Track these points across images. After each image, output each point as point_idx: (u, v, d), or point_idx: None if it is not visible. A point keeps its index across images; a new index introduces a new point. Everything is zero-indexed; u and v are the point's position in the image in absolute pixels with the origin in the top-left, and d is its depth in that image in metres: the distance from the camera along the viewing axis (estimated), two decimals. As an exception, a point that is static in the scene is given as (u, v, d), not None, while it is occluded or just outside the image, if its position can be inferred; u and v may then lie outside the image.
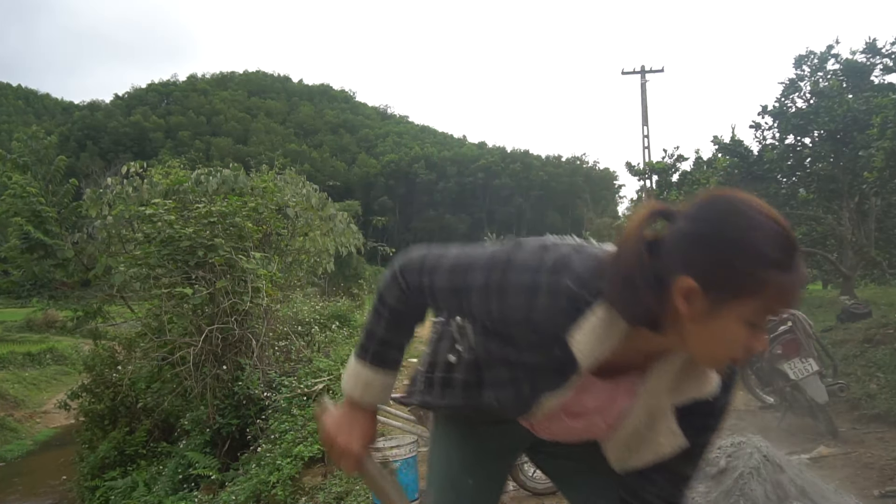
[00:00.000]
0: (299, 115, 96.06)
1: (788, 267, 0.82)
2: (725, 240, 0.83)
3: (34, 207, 11.36)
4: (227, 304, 5.42)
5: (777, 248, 0.81)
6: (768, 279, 0.81)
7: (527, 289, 0.93)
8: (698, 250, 0.84)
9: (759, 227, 0.82)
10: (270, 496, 3.70)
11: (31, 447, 11.27)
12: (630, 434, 1.04)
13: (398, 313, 1.11)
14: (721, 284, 0.83)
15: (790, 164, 9.17)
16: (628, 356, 0.98)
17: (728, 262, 0.82)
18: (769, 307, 0.83)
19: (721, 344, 0.86)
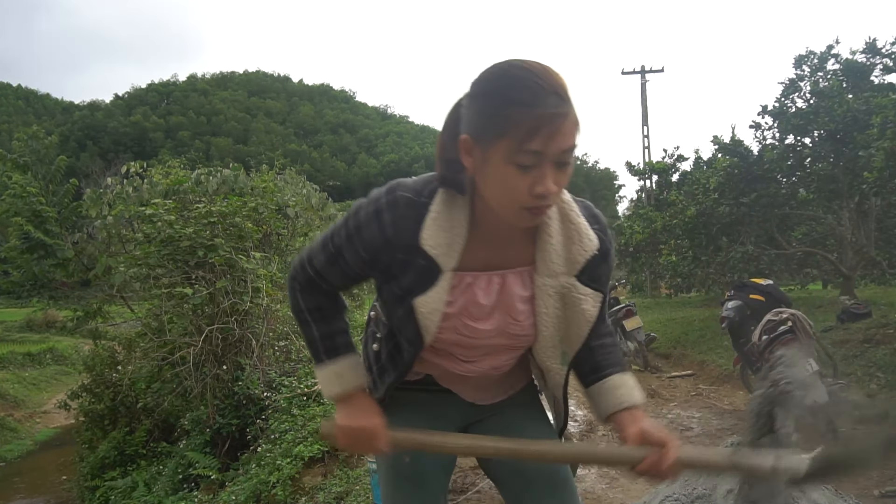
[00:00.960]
0: (299, 115, 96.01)
1: (532, 103, 0.89)
2: (481, 92, 0.95)
3: (34, 207, 11.36)
4: (227, 304, 5.42)
5: (520, 88, 0.90)
6: (511, 115, 0.89)
7: (373, 215, 1.04)
8: (467, 107, 0.97)
9: (507, 75, 0.93)
10: (270, 496, 3.69)
11: (31, 447, 11.26)
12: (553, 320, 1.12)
13: (315, 310, 1.19)
14: (481, 130, 0.93)
15: (790, 164, 9.16)
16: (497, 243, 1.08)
17: (482, 109, 0.94)
18: (522, 142, 0.89)
19: (502, 189, 0.95)
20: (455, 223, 1.03)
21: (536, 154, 0.90)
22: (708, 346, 7.60)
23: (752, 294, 4.85)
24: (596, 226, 1.11)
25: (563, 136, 0.91)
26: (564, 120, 0.91)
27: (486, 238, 1.07)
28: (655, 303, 15.62)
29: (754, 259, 9.54)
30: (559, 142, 0.91)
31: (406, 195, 1.04)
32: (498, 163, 0.92)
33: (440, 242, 1.02)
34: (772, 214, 9.34)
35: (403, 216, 1.03)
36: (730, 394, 5.77)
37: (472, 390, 1.27)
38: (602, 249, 1.10)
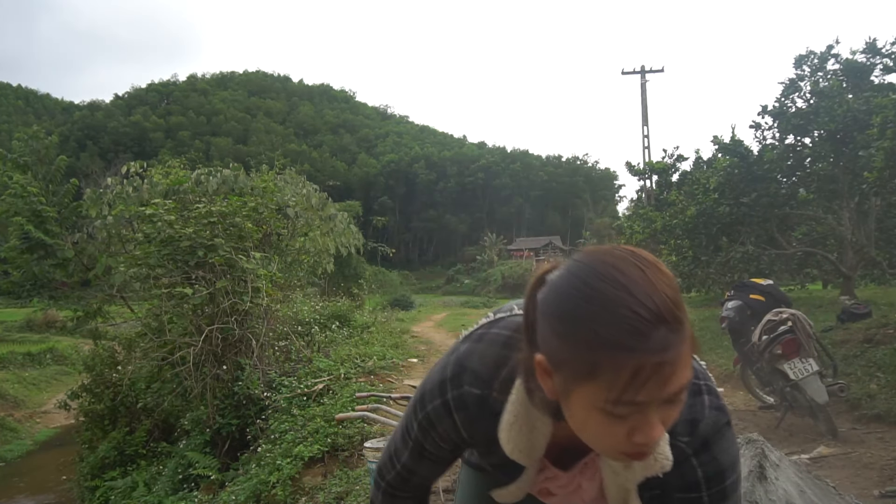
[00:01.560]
0: (299, 115, 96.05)
1: (630, 346, 0.66)
2: (562, 314, 0.72)
3: (34, 207, 11.36)
4: (227, 304, 5.42)
5: (615, 323, 0.67)
6: (600, 361, 0.68)
7: (443, 412, 0.93)
8: (544, 324, 0.75)
9: (597, 299, 0.69)
10: (270, 496, 3.69)
11: (31, 447, 11.27)
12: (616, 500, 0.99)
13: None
14: (561, 364, 0.73)
15: (790, 164, 9.16)
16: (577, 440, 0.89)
17: (562, 339, 0.71)
18: (615, 393, 0.69)
19: (591, 433, 0.76)
20: (536, 424, 0.88)
21: (639, 404, 0.70)
22: (708, 346, 7.60)
23: (752, 294, 4.84)
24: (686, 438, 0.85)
25: (675, 379, 0.69)
26: (678, 361, 0.69)
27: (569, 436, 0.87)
28: (655, 303, 15.58)
29: (754, 259, 9.54)
30: (669, 387, 0.69)
31: (474, 392, 0.89)
32: (581, 405, 0.73)
33: (521, 447, 0.89)
34: (772, 214, 9.34)
35: (476, 417, 0.91)
36: (730, 394, 5.76)
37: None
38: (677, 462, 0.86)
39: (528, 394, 0.84)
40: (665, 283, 0.70)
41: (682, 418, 0.82)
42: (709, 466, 0.86)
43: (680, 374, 0.70)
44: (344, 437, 3.99)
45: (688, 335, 0.70)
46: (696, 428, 0.86)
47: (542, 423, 0.88)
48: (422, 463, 1.03)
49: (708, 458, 0.86)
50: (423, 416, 0.96)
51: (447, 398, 0.92)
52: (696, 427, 0.86)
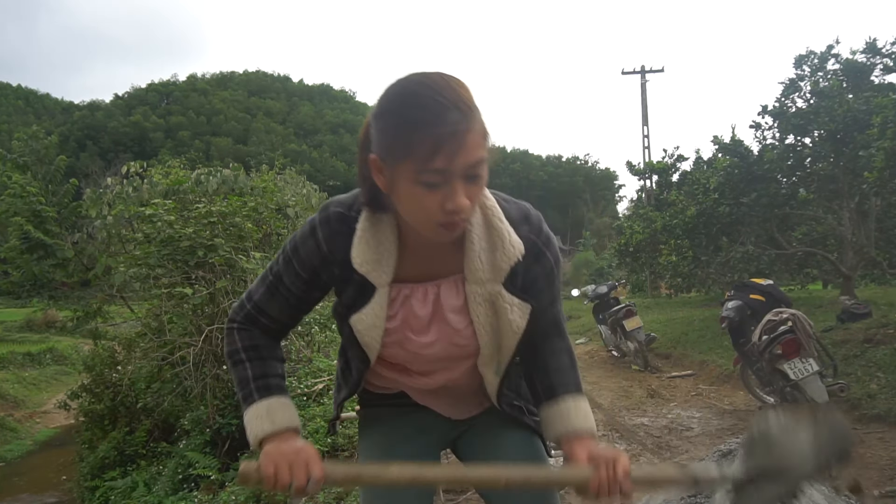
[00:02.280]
0: (299, 115, 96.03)
1: (434, 123, 0.86)
2: (382, 111, 0.92)
3: (34, 207, 11.38)
4: (227, 304, 5.41)
5: (418, 107, 0.87)
6: (411, 137, 0.87)
7: (308, 233, 1.06)
8: (373, 126, 0.95)
9: (405, 93, 0.90)
10: (270, 496, 3.69)
11: (30, 447, 11.25)
12: (488, 328, 1.10)
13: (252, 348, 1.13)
14: (385, 151, 0.92)
15: (790, 164, 9.16)
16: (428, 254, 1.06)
17: (384, 128, 0.92)
18: (424, 162, 0.87)
19: (414, 208, 0.94)
20: (382, 238, 1.03)
21: (442, 172, 0.88)
22: (708, 346, 7.60)
23: (752, 294, 4.84)
24: (525, 227, 1.07)
25: (468, 151, 0.89)
26: (467, 135, 0.88)
27: (417, 250, 1.06)
28: (655, 303, 15.62)
29: (754, 259, 9.54)
30: (464, 157, 0.89)
31: (338, 210, 1.05)
32: (405, 183, 0.91)
33: (368, 259, 1.02)
34: (772, 214, 9.34)
35: (337, 231, 1.04)
36: (730, 394, 5.76)
37: (444, 405, 1.26)
38: (533, 252, 1.07)
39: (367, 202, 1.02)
40: (461, 87, 0.91)
41: (515, 216, 1.07)
42: (553, 252, 1.11)
43: (473, 149, 0.90)
44: (344, 437, 4.00)
45: (479, 123, 0.91)
46: (529, 218, 1.09)
47: (388, 240, 1.03)
48: (272, 301, 1.12)
49: (552, 247, 1.11)
50: (290, 246, 1.08)
51: (314, 221, 1.06)
52: (529, 218, 1.09)
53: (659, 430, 4.71)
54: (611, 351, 8.07)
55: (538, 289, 1.10)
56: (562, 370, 1.17)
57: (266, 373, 1.12)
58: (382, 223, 1.03)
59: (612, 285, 8.72)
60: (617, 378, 6.99)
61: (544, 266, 1.10)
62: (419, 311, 1.10)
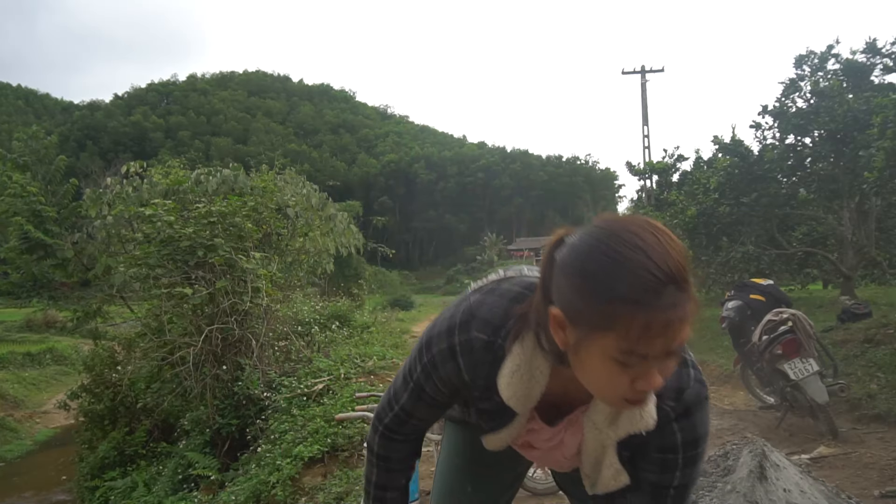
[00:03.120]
0: (299, 115, 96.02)
1: (644, 301, 0.74)
2: (581, 271, 0.79)
3: (34, 207, 11.37)
4: (226, 304, 5.41)
5: (632, 280, 0.75)
6: (618, 314, 0.76)
7: (448, 356, 0.98)
8: (563, 280, 0.82)
9: (616, 258, 0.77)
10: (270, 496, 3.69)
11: (30, 447, 11.26)
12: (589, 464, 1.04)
13: (384, 459, 1.16)
14: (578, 317, 0.80)
15: (790, 164, 9.16)
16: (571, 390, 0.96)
17: (581, 294, 0.79)
18: (628, 343, 0.77)
19: (599, 380, 0.84)
20: (536, 374, 0.94)
21: (645, 356, 0.78)
22: (708, 346, 7.60)
23: (752, 294, 4.84)
24: (671, 403, 0.94)
25: (680, 335, 0.77)
26: (684, 319, 0.77)
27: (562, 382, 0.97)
28: (655, 303, 15.59)
29: (754, 259, 9.54)
30: (675, 342, 0.78)
31: (481, 338, 0.96)
32: (596, 354, 0.80)
33: (518, 394, 0.95)
34: (772, 214, 9.34)
35: (480, 361, 0.97)
36: (730, 394, 5.76)
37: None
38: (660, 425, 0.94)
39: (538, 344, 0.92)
40: (676, 248, 0.78)
41: (669, 385, 0.91)
42: (687, 432, 0.94)
43: (684, 330, 0.78)
44: (344, 438, 3.99)
45: (693, 297, 0.79)
46: (682, 395, 0.94)
47: (541, 374, 0.94)
48: (419, 406, 1.08)
49: (688, 425, 0.94)
50: (428, 358, 1.01)
51: (454, 342, 0.97)
52: (682, 394, 0.94)
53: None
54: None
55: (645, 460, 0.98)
56: None
57: (387, 485, 1.18)
58: (538, 357, 0.93)
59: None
60: (617, 378, 6.99)
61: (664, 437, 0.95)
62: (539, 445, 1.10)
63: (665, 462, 0.97)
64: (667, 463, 0.97)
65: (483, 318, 0.96)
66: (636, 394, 0.83)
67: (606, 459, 0.99)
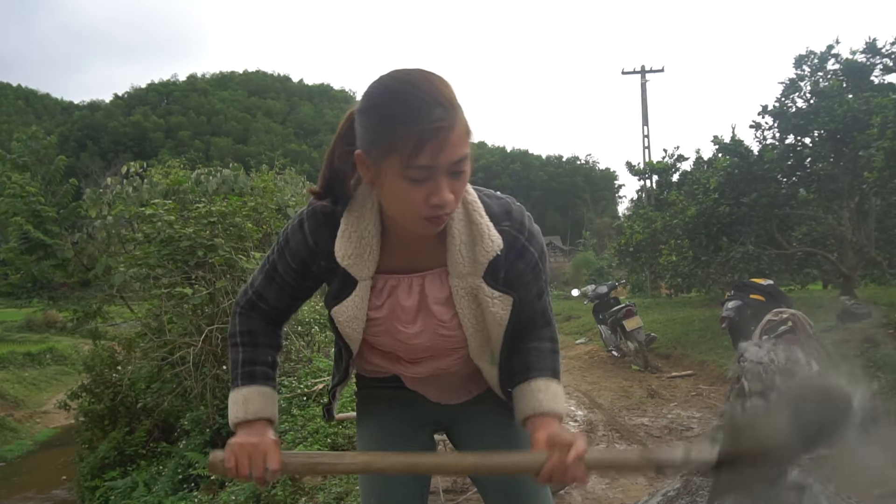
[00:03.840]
0: (299, 115, 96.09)
1: (413, 118, 0.88)
2: (367, 107, 0.94)
3: (34, 207, 11.35)
4: (227, 304, 5.41)
5: (401, 103, 0.89)
6: (395, 133, 0.89)
7: (297, 226, 1.10)
8: (358, 122, 0.97)
9: (388, 90, 0.92)
10: (270, 496, 3.69)
11: (31, 447, 11.27)
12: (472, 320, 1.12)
13: (247, 333, 1.19)
14: (370, 146, 0.94)
15: (790, 164, 9.16)
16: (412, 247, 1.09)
17: (368, 125, 0.94)
18: (408, 158, 0.89)
19: (399, 203, 0.95)
20: (365, 233, 1.05)
21: (427, 168, 0.90)
22: (708, 346, 7.60)
23: (752, 294, 4.85)
24: (506, 223, 1.09)
25: (452, 148, 0.90)
26: (450, 131, 0.90)
27: (401, 243, 1.09)
28: (655, 303, 15.61)
29: (754, 259, 9.54)
30: (448, 154, 0.90)
31: (323, 205, 1.08)
32: (390, 178, 0.93)
33: (350, 253, 1.05)
34: (772, 214, 9.34)
35: (322, 224, 1.07)
36: (730, 394, 5.75)
37: (435, 392, 1.30)
38: (515, 248, 1.09)
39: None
40: (443, 85, 0.92)
41: (496, 211, 1.09)
42: (537, 247, 1.12)
43: (456, 145, 0.91)
44: (344, 437, 4.00)
45: (461, 121, 0.92)
46: (511, 214, 1.10)
47: (369, 234, 1.05)
48: (270, 288, 1.16)
49: (535, 241, 1.12)
50: (283, 237, 1.13)
51: (303, 214, 1.10)
52: (510, 213, 1.10)
53: (659, 430, 4.71)
54: (611, 351, 8.07)
55: (524, 282, 1.12)
56: (540, 353, 1.18)
57: (255, 359, 1.18)
58: (365, 218, 1.05)
59: (612, 285, 8.72)
60: (617, 378, 6.99)
61: (528, 261, 1.11)
62: (405, 302, 1.12)
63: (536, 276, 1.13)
64: (537, 273, 1.14)
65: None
66: (432, 210, 0.94)
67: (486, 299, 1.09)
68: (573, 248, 51.72)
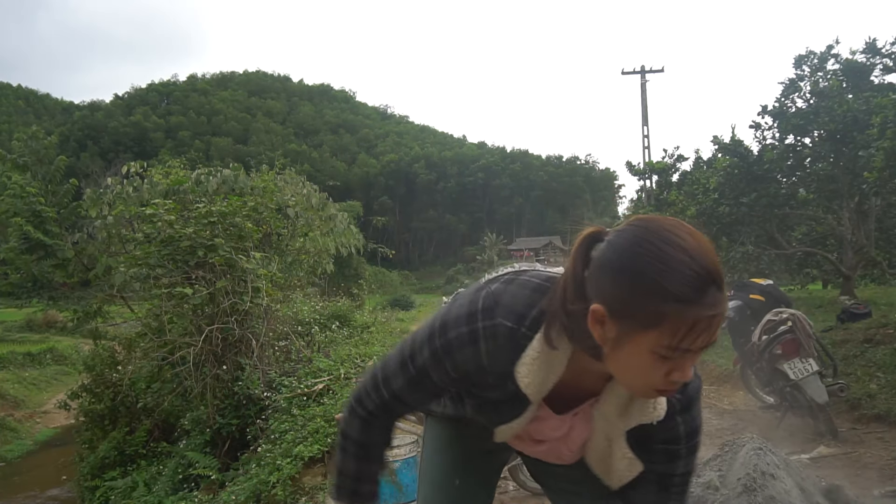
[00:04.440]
0: (299, 115, 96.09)
1: (693, 301, 0.79)
2: (628, 270, 0.82)
3: (34, 207, 11.36)
4: (227, 304, 5.41)
5: (681, 280, 0.79)
6: (667, 312, 0.79)
7: (468, 340, 0.96)
8: (607, 278, 0.85)
9: (663, 259, 0.80)
10: (270, 496, 3.69)
11: (31, 447, 11.27)
12: (596, 458, 1.07)
13: (362, 446, 1.13)
14: (624, 314, 0.82)
15: (790, 164, 9.17)
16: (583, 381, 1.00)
17: (629, 292, 0.81)
18: (674, 340, 0.80)
19: (636, 372, 0.86)
20: (555, 364, 0.96)
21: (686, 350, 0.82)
22: (708, 346, 7.59)
23: (752, 294, 4.84)
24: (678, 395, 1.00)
25: (718, 330, 0.82)
26: (723, 314, 0.81)
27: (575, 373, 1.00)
28: (655, 303, 15.58)
29: (754, 259, 9.54)
30: (712, 337, 0.82)
31: (507, 325, 0.95)
32: (639, 349, 0.83)
33: (536, 381, 0.96)
34: (772, 214, 9.34)
35: (502, 348, 0.96)
36: (730, 394, 5.76)
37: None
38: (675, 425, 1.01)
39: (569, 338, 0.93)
40: (711, 249, 0.84)
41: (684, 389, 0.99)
42: (689, 424, 1.02)
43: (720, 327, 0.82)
44: (344, 437, 3.98)
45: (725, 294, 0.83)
46: (686, 387, 1.00)
47: (558, 364, 0.96)
48: (416, 393, 1.06)
49: (689, 417, 1.01)
50: (441, 343, 0.98)
51: (476, 327, 0.96)
52: (686, 387, 1.00)
53: (659, 430, 4.70)
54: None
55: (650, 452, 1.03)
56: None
57: (361, 475, 1.14)
58: (559, 350, 0.95)
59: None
60: (617, 378, 6.99)
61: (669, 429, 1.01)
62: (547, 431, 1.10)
63: (669, 453, 1.02)
64: (671, 453, 1.02)
65: (507, 305, 0.96)
66: (669, 385, 0.86)
67: (618, 451, 1.02)
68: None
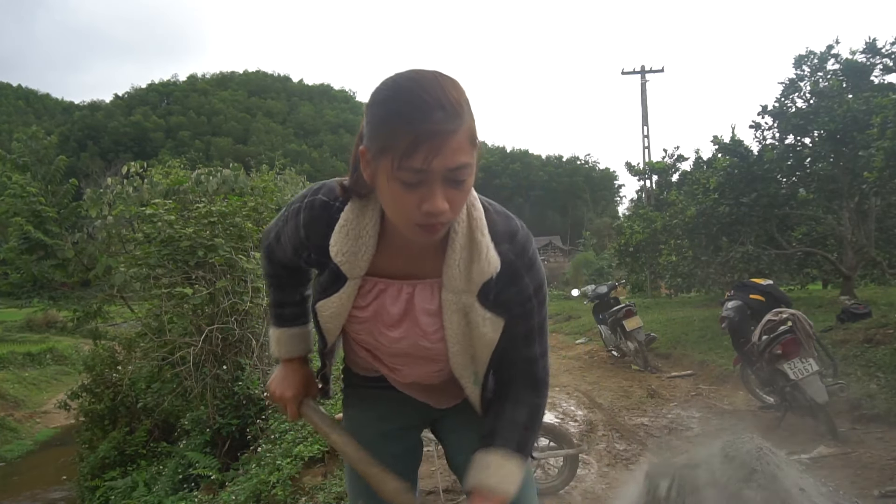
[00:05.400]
0: (299, 115, 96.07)
1: (415, 120, 0.84)
2: (370, 103, 0.91)
3: (34, 207, 11.37)
4: (227, 304, 5.42)
5: (403, 101, 0.85)
6: (392, 130, 0.85)
7: (294, 211, 1.09)
8: (364, 116, 0.94)
9: (395, 87, 0.88)
10: (270, 496, 3.69)
11: (31, 447, 11.26)
12: (459, 337, 1.09)
13: (273, 276, 1.26)
14: (371, 145, 0.90)
15: (790, 164, 9.16)
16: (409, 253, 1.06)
17: (370, 120, 0.90)
18: (403, 160, 0.85)
19: (392, 206, 0.92)
20: (363, 232, 1.02)
21: (420, 171, 0.85)
22: (708, 346, 7.59)
23: (752, 294, 4.84)
24: (507, 245, 1.04)
25: (450, 153, 0.85)
26: (450, 136, 0.85)
27: (398, 247, 1.06)
28: (655, 303, 15.60)
29: (754, 259, 9.54)
30: (444, 159, 0.85)
31: (323, 199, 1.05)
32: (384, 178, 0.89)
33: (345, 251, 1.02)
34: (772, 214, 9.34)
35: (317, 218, 1.05)
36: (730, 394, 5.76)
37: (420, 394, 1.29)
38: (509, 272, 1.04)
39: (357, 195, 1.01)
40: (452, 88, 0.87)
41: (500, 230, 1.05)
42: (535, 279, 1.07)
43: (456, 152, 0.86)
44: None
45: (466, 127, 0.87)
46: (515, 237, 1.06)
47: (368, 235, 1.02)
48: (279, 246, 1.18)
49: (534, 274, 1.07)
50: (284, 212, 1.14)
51: (303, 201, 1.08)
52: (515, 237, 1.06)
53: (659, 430, 4.71)
54: (611, 351, 8.07)
55: (512, 314, 1.08)
56: (513, 424, 1.14)
57: (282, 301, 1.28)
58: (366, 216, 1.02)
59: (611, 285, 8.71)
60: (617, 378, 6.98)
61: (521, 291, 1.06)
62: (391, 308, 1.11)
63: (525, 311, 1.08)
64: (527, 311, 1.09)
65: (329, 186, 1.07)
66: (425, 217, 0.89)
67: (476, 317, 1.06)
68: (573, 248, 51.73)
